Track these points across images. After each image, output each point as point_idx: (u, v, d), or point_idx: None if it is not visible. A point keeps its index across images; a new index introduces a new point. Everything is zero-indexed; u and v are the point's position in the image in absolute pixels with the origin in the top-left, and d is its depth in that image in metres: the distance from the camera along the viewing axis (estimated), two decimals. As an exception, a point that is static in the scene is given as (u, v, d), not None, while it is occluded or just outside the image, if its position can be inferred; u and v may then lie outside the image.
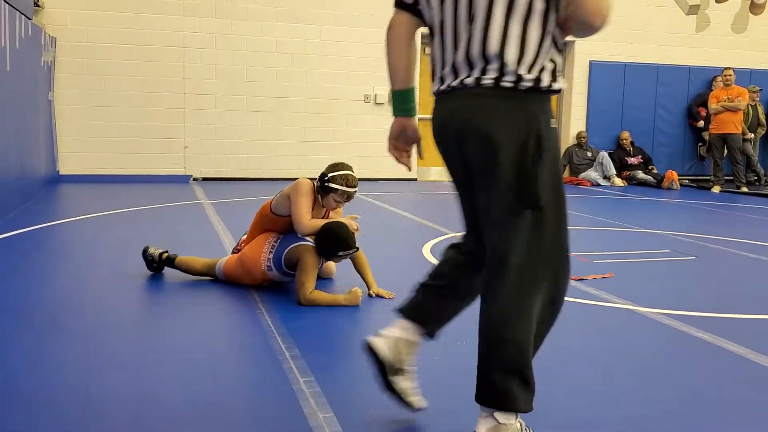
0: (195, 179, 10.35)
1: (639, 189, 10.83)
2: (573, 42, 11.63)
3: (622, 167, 11.58)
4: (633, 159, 11.67)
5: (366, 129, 10.92)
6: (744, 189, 10.67)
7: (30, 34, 7.61)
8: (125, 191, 8.78)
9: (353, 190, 4.06)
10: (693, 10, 11.70)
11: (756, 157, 11.68)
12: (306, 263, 3.87)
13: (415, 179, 11.30)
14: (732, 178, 10.87)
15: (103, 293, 4.06)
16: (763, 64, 12.54)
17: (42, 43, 8.47)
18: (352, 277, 4.28)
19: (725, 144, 10.70)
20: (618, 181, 11.37)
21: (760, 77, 12.17)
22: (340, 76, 10.72)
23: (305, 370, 2.88)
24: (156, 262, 4.40)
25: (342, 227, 3.91)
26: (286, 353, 3.07)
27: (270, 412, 2.50)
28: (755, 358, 3.15)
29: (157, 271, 4.44)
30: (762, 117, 11.79)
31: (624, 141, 11.71)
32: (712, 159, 11.02)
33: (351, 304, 3.86)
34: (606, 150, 11.70)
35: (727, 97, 10.51)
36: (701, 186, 11.34)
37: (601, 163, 11.47)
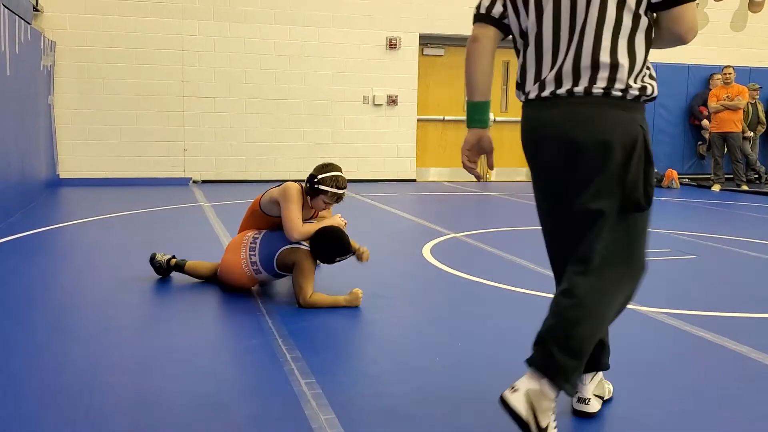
0: (194, 181, 10.36)
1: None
2: (572, 42, 11.63)
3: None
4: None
5: (364, 130, 10.93)
6: (744, 187, 10.68)
7: (29, 38, 7.62)
8: (125, 194, 8.79)
9: (343, 191, 4.01)
10: (691, 8, 11.69)
11: (754, 156, 11.66)
12: (304, 268, 3.86)
13: (414, 180, 11.30)
14: (732, 176, 10.87)
15: (104, 296, 4.06)
16: (763, 61, 12.55)
17: (41, 48, 8.48)
18: (351, 278, 4.28)
19: (725, 142, 10.70)
20: (618, 181, 11.34)
21: (759, 75, 12.17)
22: (338, 77, 10.72)
23: (306, 371, 2.88)
24: (164, 268, 4.35)
25: (337, 232, 3.86)
26: (287, 355, 3.07)
27: (271, 413, 2.50)
28: (756, 356, 3.15)
29: (165, 275, 4.42)
30: (762, 115, 11.78)
31: (623, 140, 11.69)
32: (712, 157, 11.02)
33: (352, 305, 3.85)
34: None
35: (727, 96, 10.50)
36: (701, 185, 11.34)
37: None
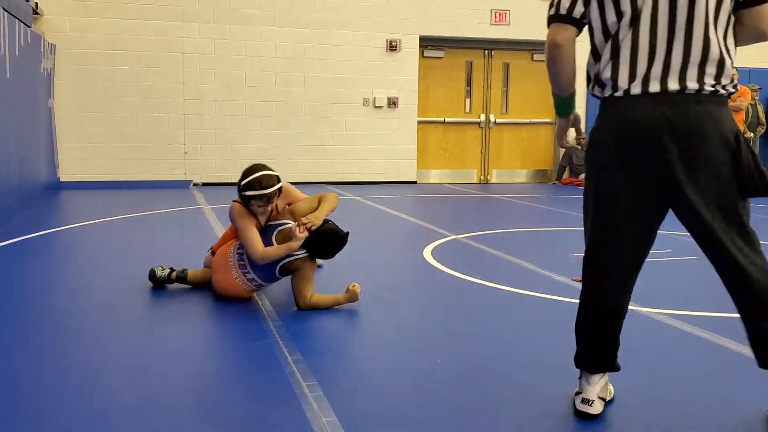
0: (195, 184, 10.36)
1: (639, 189, 10.80)
2: (571, 43, 11.63)
3: (622, 167, 11.55)
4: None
5: (365, 132, 10.93)
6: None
7: (29, 41, 7.63)
8: (126, 197, 8.79)
9: (269, 190, 3.81)
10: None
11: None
12: (306, 273, 3.86)
13: (415, 182, 11.30)
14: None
15: (105, 299, 4.06)
16: (762, 62, 12.53)
17: (41, 51, 8.49)
18: (345, 275, 4.28)
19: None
20: (618, 182, 11.34)
21: (759, 76, 12.16)
22: (339, 79, 10.73)
23: (308, 373, 2.88)
24: (167, 282, 4.23)
25: (327, 230, 3.80)
26: (288, 357, 3.07)
27: (273, 416, 2.50)
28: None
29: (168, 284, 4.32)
30: (762, 116, 11.77)
31: (623, 141, 11.68)
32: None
33: (352, 301, 3.87)
34: (606, 150, 11.68)
35: (729, 97, 10.49)
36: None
37: (601, 164, 11.44)
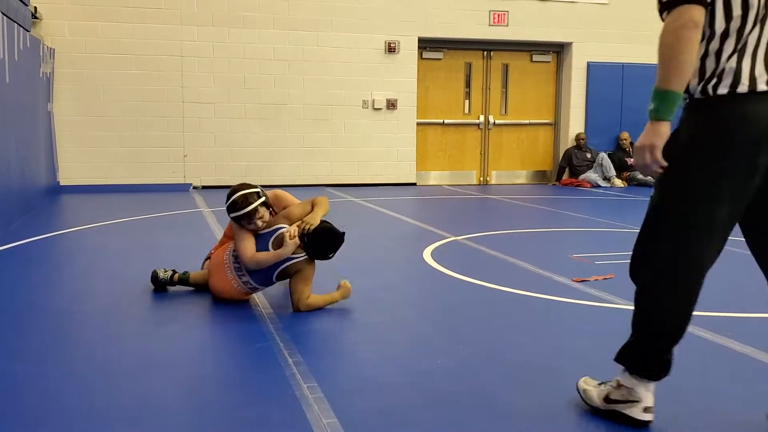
0: (195, 187, 10.36)
1: (639, 190, 10.82)
2: (570, 44, 11.65)
3: (621, 168, 11.58)
4: (632, 160, 11.67)
5: (364, 134, 10.93)
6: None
7: (28, 45, 7.63)
8: (125, 201, 8.79)
9: (248, 209, 3.84)
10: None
11: None
12: (306, 275, 3.88)
13: (414, 184, 11.30)
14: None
15: (105, 302, 4.06)
16: (761, 62, 12.54)
17: (41, 55, 8.49)
18: (351, 280, 4.28)
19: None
20: (618, 182, 11.37)
21: None
22: (337, 81, 10.73)
23: (308, 375, 2.87)
24: (170, 284, 4.25)
25: (325, 229, 3.83)
26: (288, 359, 3.07)
27: (273, 418, 2.50)
28: (760, 356, 3.14)
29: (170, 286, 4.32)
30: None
31: (623, 142, 11.72)
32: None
33: (345, 297, 3.97)
34: (605, 151, 11.71)
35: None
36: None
37: (601, 165, 11.47)
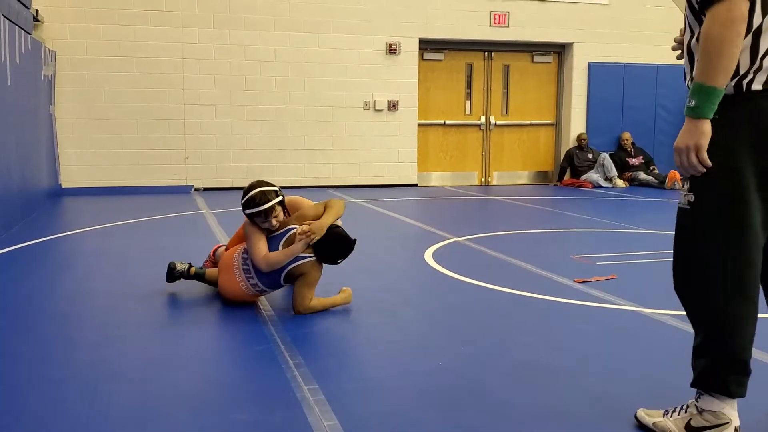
0: (196, 189, 10.37)
1: (641, 190, 10.82)
2: (571, 44, 11.65)
3: (623, 168, 11.57)
4: (634, 160, 11.66)
5: (365, 136, 10.93)
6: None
7: (30, 48, 7.64)
8: (127, 203, 8.80)
9: (265, 207, 3.86)
10: (691, 9, 11.69)
11: None
12: (311, 279, 3.88)
13: (416, 185, 11.30)
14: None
15: (107, 304, 4.06)
16: None
17: (42, 58, 8.50)
18: (351, 281, 4.28)
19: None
20: (620, 183, 11.35)
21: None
22: (338, 83, 10.74)
23: (309, 377, 2.88)
24: (185, 277, 4.26)
25: (334, 235, 3.84)
26: (289, 361, 3.07)
27: (274, 420, 2.50)
28: (760, 356, 3.14)
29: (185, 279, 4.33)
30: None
31: (625, 142, 11.71)
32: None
33: (346, 302, 3.99)
34: (607, 151, 11.69)
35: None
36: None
37: (603, 165, 11.46)
